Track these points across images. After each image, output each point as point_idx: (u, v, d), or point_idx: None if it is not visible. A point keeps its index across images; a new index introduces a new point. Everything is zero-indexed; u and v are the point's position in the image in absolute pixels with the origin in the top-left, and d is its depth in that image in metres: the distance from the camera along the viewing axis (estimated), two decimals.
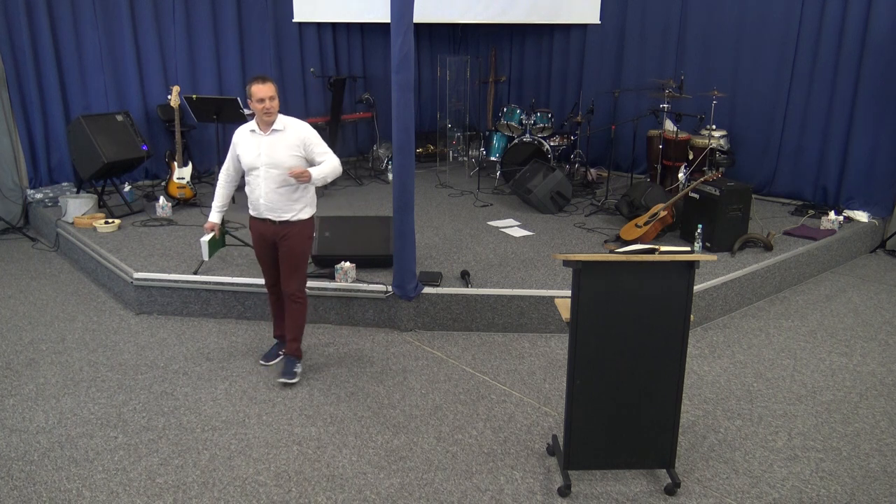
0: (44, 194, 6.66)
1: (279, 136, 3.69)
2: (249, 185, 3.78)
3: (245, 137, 3.75)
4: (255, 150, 3.71)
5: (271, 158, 3.68)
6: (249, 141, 3.73)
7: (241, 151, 3.77)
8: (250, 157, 3.72)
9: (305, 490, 3.00)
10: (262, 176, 3.71)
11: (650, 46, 7.86)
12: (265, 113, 3.61)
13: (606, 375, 2.91)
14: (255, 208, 3.83)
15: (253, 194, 3.78)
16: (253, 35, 8.06)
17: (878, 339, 4.55)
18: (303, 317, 3.94)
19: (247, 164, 3.74)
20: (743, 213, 5.44)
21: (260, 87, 3.56)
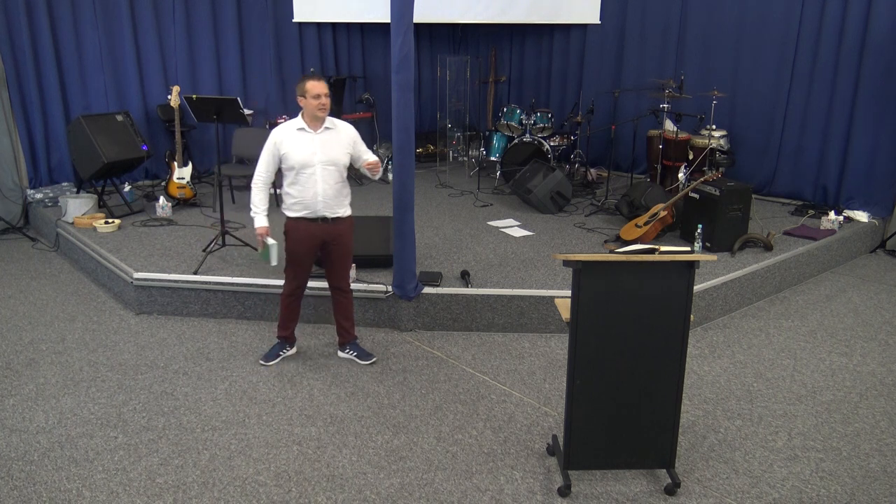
0: (44, 194, 6.66)
1: (332, 134, 3.75)
2: (299, 184, 3.72)
3: (292, 136, 3.71)
4: (308, 147, 3.69)
5: (328, 156, 3.71)
6: (299, 139, 3.70)
7: (288, 150, 3.69)
8: (303, 156, 3.68)
9: (305, 490, 3.00)
10: (319, 174, 3.71)
11: (650, 46, 7.86)
12: (320, 109, 3.64)
13: (606, 375, 2.91)
14: (308, 207, 3.77)
15: (306, 193, 3.73)
16: (253, 35, 8.07)
17: (878, 339, 4.55)
18: (349, 308, 4.13)
19: (298, 163, 3.69)
20: (743, 213, 5.44)
21: (316, 84, 3.62)
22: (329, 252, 3.92)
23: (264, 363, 4.11)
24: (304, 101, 3.67)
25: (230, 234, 5.26)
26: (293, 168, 3.72)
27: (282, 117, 8.10)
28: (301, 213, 3.80)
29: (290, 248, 3.88)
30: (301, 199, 3.76)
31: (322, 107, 3.65)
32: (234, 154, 7.00)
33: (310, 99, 3.63)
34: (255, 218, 3.86)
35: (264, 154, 3.78)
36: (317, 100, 3.62)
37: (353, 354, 4.16)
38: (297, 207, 3.79)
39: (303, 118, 3.73)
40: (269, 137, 3.76)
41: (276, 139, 3.73)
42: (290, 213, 3.84)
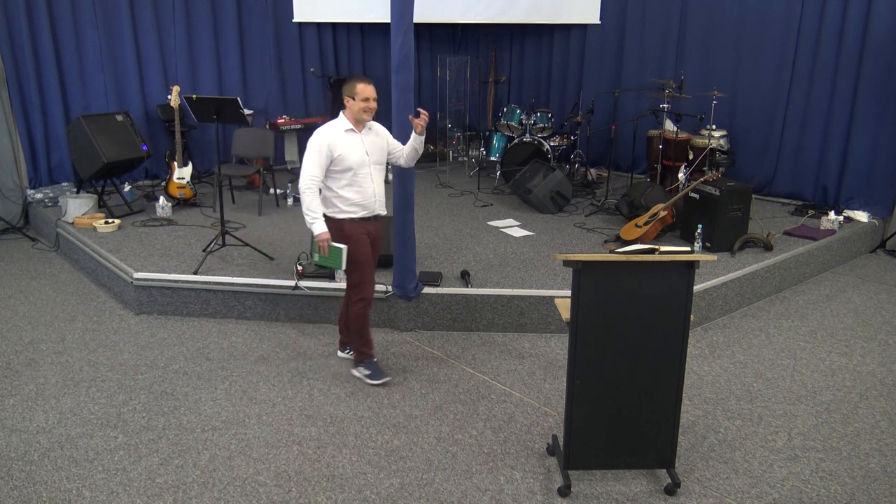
0: (44, 194, 6.66)
1: (374, 135, 3.77)
2: (356, 185, 3.67)
3: (342, 138, 3.65)
4: (360, 148, 3.68)
5: (377, 156, 3.75)
6: (351, 140, 3.66)
7: (342, 152, 3.62)
8: (357, 156, 3.65)
9: (305, 490, 3.00)
10: (372, 173, 3.72)
11: (650, 46, 7.86)
12: (367, 112, 3.64)
13: (606, 375, 2.91)
14: (365, 207, 3.74)
15: (364, 193, 3.70)
16: (253, 35, 8.07)
17: (878, 339, 4.55)
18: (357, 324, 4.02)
19: (354, 163, 3.64)
20: (743, 213, 5.44)
21: (367, 86, 3.62)
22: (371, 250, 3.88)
23: (377, 381, 3.91)
24: (353, 103, 3.63)
25: (230, 234, 5.25)
26: (350, 169, 3.64)
27: (282, 117, 8.11)
28: (359, 214, 3.73)
29: (359, 249, 3.74)
30: (359, 200, 3.71)
31: (369, 110, 3.64)
32: (234, 154, 7.00)
33: (359, 101, 3.61)
34: (314, 224, 3.64)
35: (314, 157, 3.62)
36: (365, 102, 3.61)
37: (352, 354, 4.16)
38: (354, 209, 3.71)
39: (347, 119, 3.68)
40: (312, 142, 3.63)
41: (326, 141, 3.61)
42: (343, 216, 3.71)
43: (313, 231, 3.66)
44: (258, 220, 6.29)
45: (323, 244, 3.66)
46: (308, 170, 3.63)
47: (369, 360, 3.96)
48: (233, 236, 5.27)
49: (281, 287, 4.66)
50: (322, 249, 3.68)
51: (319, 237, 3.66)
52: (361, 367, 3.96)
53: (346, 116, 3.70)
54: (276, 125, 7.96)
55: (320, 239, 3.66)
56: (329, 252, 3.67)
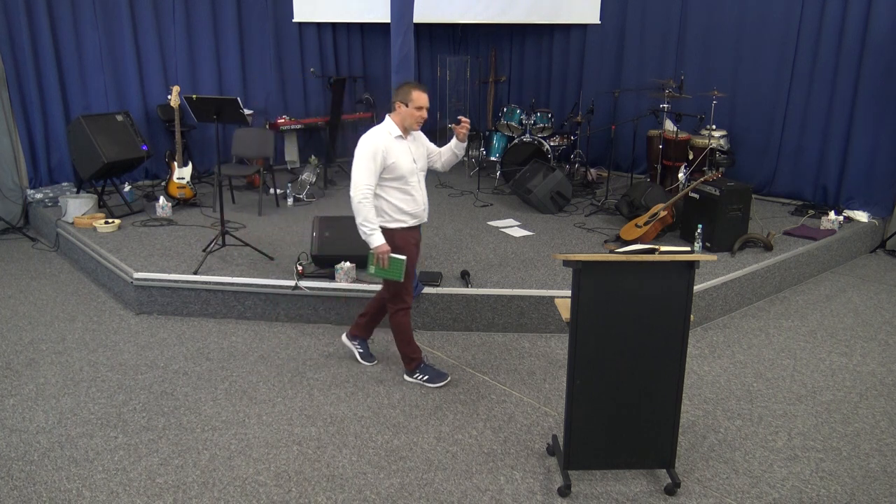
0: (44, 194, 6.66)
1: (416, 141, 3.68)
2: (407, 193, 3.58)
3: (393, 145, 3.52)
4: (409, 155, 3.58)
5: (422, 163, 3.69)
6: (401, 147, 3.55)
7: (395, 159, 3.50)
8: (409, 164, 3.56)
9: (305, 490, 3.00)
10: (421, 181, 3.65)
11: (650, 46, 7.86)
12: (419, 121, 3.55)
13: (606, 375, 2.91)
14: (416, 216, 3.66)
15: (415, 201, 3.62)
16: (253, 35, 8.07)
17: (878, 339, 4.55)
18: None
19: (406, 171, 3.54)
20: (743, 213, 5.44)
21: (423, 95, 3.51)
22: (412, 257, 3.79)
23: (440, 383, 3.88)
24: (406, 110, 3.52)
25: (230, 234, 5.25)
26: (402, 177, 3.54)
27: (282, 117, 8.11)
28: (409, 223, 3.65)
29: (410, 260, 3.67)
30: (411, 209, 3.62)
31: (421, 120, 3.54)
32: (234, 154, 7.00)
33: (412, 109, 3.50)
34: (373, 236, 3.51)
35: (367, 164, 3.46)
36: (419, 111, 3.51)
37: (359, 350, 4.14)
38: (405, 218, 3.62)
39: (396, 124, 3.56)
40: (364, 147, 3.49)
41: (379, 148, 3.47)
42: (395, 225, 3.61)
43: (371, 243, 3.53)
44: (258, 220, 6.30)
45: (383, 256, 3.54)
46: (363, 178, 3.46)
47: (421, 364, 3.92)
48: (233, 236, 5.26)
49: (281, 287, 4.66)
50: (382, 262, 3.56)
51: (379, 249, 3.53)
52: (418, 374, 3.90)
53: (394, 121, 3.56)
54: (276, 125, 7.96)
55: (380, 251, 3.53)
56: (388, 264, 3.57)
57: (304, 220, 6.21)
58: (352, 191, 3.50)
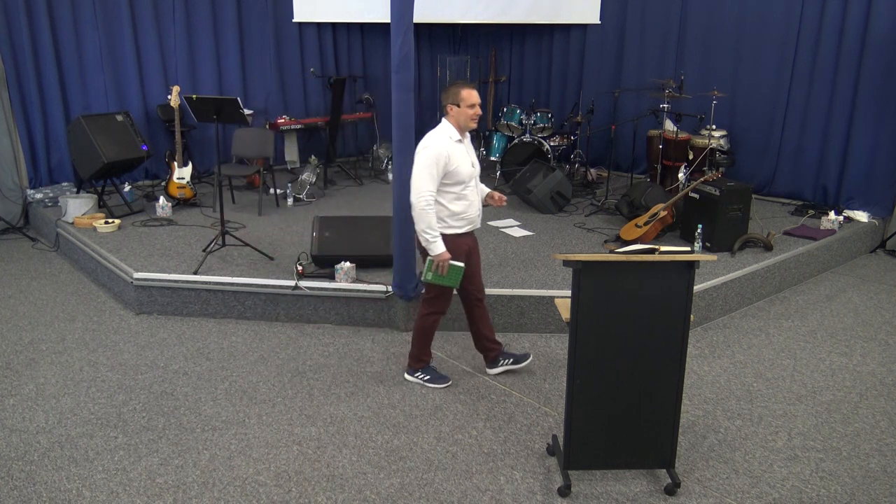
0: (44, 194, 6.66)
1: (468, 143, 3.60)
2: (465, 198, 3.51)
3: (454, 149, 3.44)
4: (467, 158, 3.50)
5: (477, 166, 3.60)
6: (460, 151, 3.47)
7: (457, 164, 3.43)
8: (468, 168, 3.48)
9: (305, 490, 3.00)
10: (476, 185, 3.58)
11: (650, 46, 7.86)
12: (474, 119, 3.47)
13: (606, 375, 2.91)
14: (472, 222, 3.59)
15: (472, 206, 3.55)
16: (253, 35, 8.07)
17: (878, 339, 4.55)
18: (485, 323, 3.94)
19: (466, 175, 3.46)
20: (743, 213, 5.44)
21: (472, 92, 3.44)
22: (472, 262, 3.70)
23: (442, 385, 3.87)
24: (458, 111, 3.45)
25: (230, 234, 5.25)
26: (462, 182, 3.46)
27: (282, 117, 8.11)
28: (465, 228, 3.57)
29: (465, 263, 3.61)
30: (468, 214, 3.55)
31: (476, 117, 3.46)
32: (234, 154, 7.00)
33: (465, 108, 3.43)
34: (435, 244, 3.43)
35: (430, 169, 3.38)
36: (472, 109, 3.44)
37: (510, 362, 3.98)
38: (461, 224, 3.54)
39: (453, 127, 3.49)
40: (427, 153, 3.40)
41: (443, 152, 3.39)
42: (451, 231, 3.52)
43: (433, 251, 3.44)
44: (258, 220, 6.30)
45: (444, 264, 3.47)
46: (424, 184, 3.38)
47: (427, 366, 3.91)
48: (233, 236, 5.26)
49: (281, 287, 4.66)
50: (441, 269, 3.49)
51: (441, 257, 3.45)
52: (420, 374, 3.89)
53: (451, 124, 3.50)
54: (276, 125, 7.96)
55: (441, 259, 3.46)
56: (447, 271, 3.51)
57: (304, 220, 6.21)
58: (413, 198, 3.42)
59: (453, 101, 3.46)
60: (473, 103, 3.44)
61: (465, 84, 3.51)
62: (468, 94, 3.44)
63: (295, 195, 6.96)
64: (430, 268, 3.51)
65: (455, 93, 3.46)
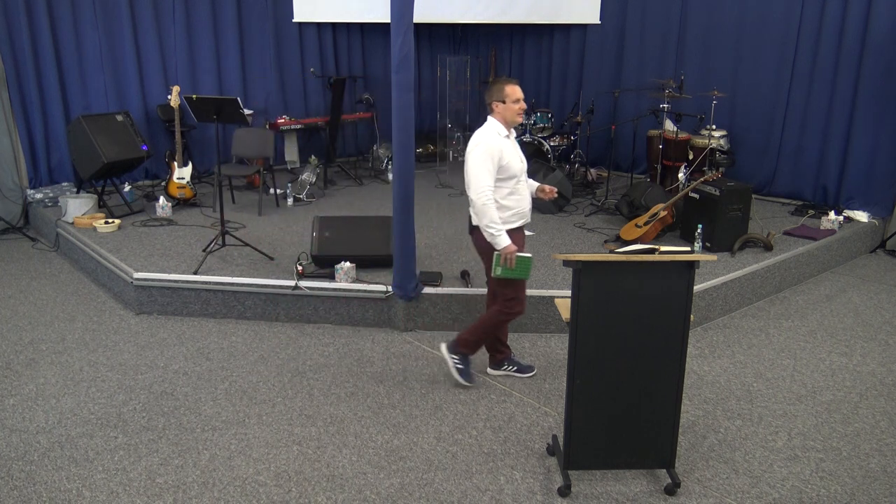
0: (44, 194, 6.66)
1: (514, 140, 3.63)
2: (517, 193, 3.55)
3: (505, 144, 3.49)
4: (517, 153, 3.55)
5: (525, 161, 3.62)
6: (509, 146, 3.52)
7: (509, 159, 3.48)
8: (518, 162, 3.52)
9: (305, 490, 3.00)
10: (525, 180, 3.60)
11: (650, 46, 7.86)
12: (521, 113, 3.50)
13: (606, 375, 2.91)
14: (524, 216, 3.63)
15: (524, 202, 3.59)
16: (253, 35, 8.07)
17: (878, 339, 4.55)
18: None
19: (516, 172, 3.49)
20: (743, 213, 5.44)
21: (515, 87, 3.47)
22: None
23: (465, 380, 3.84)
24: (504, 107, 3.49)
25: (230, 234, 5.25)
26: (513, 177, 3.50)
27: (282, 117, 8.11)
28: (517, 223, 3.61)
29: None
30: (519, 209, 3.59)
31: (522, 111, 3.50)
32: (234, 154, 7.00)
33: (510, 104, 3.46)
34: (500, 237, 3.46)
35: (487, 165, 3.42)
36: (517, 104, 3.47)
37: (513, 370, 3.98)
38: (514, 219, 3.58)
39: (501, 124, 3.52)
40: (480, 149, 3.44)
41: (497, 147, 3.44)
42: (505, 227, 3.55)
43: (498, 244, 3.47)
44: (258, 220, 6.30)
45: (511, 256, 3.49)
46: (483, 180, 3.42)
47: (467, 358, 3.86)
48: (233, 236, 5.26)
49: (281, 287, 4.66)
50: (509, 262, 3.50)
51: (507, 249, 3.47)
52: (456, 357, 3.83)
53: (498, 121, 3.53)
54: (276, 125, 7.96)
55: (508, 251, 3.47)
56: (515, 263, 3.51)
57: (304, 220, 6.21)
58: (473, 194, 3.44)
59: (498, 98, 3.50)
60: (518, 98, 3.48)
61: (507, 80, 3.52)
62: (512, 89, 3.47)
63: (295, 195, 6.96)
64: (497, 262, 3.52)
65: (499, 89, 3.49)
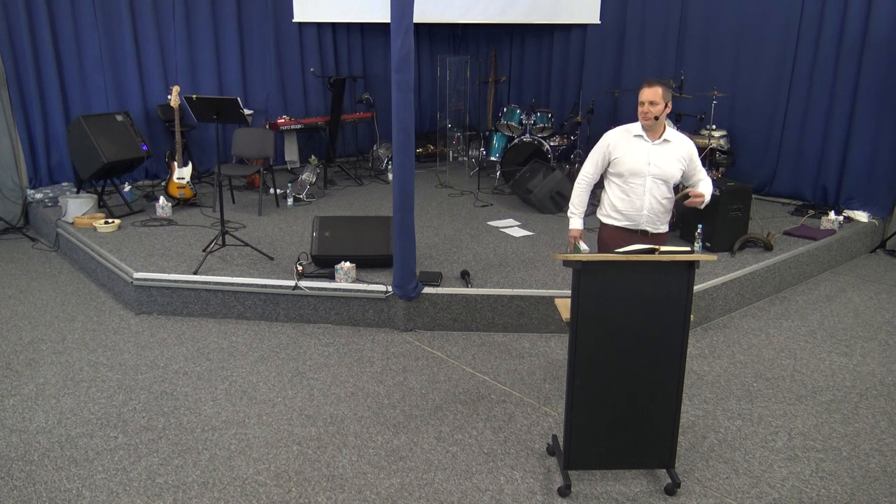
0: (44, 194, 6.66)
1: (669, 147, 3.49)
2: (626, 193, 3.54)
3: (625, 140, 3.52)
4: (643, 156, 3.48)
5: (661, 169, 3.47)
6: (634, 145, 3.50)
7: (621, 155, 3.50)
8: (637, 164, 3.48)
9: (305, 490, 3.00)
10: (649, 186, 3.49)
11: (650, 46, 7.87)
12: (642, 116, 3.43)
13: (606, 375, 2.91)
14: (631, 219, 3.58)
15: (633, 204, 3.54)
16: (253, 35, 8.07)
17: (878, 339, 4.55)
18: None
19: (629, 170, 3.49)
20: (743, 213, 5.44)
21: (644, 90, 3.42)
22: None
23: None
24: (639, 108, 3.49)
25: (230, 234, 5.25)
26: (622, 175, 3.52)
27: (282, 117, 8.11)
28: (621, 223, 3.60)
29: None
30: (624, 209, 3.57)
31: (642, 114, 3.42)
32: (234, 154, 7.00)
33: (638, 105, 3.45)
34: (571, 219, 3.68)
35: (594, 154, 3.62)
36: (640, 107, 3.42)
37: None
38: (617, 216, 3.60)
39: (639, 123, 3.51)
40: (602, 138, 3.58)
41: (609, 140, 3.55)
42: (607, 220, 3.64)
43: (569, 225, 3.73)
44: (258, 220, 6.29)
45: (570, 240, 3.69)
46: (586, 166, 3.68)
47: None
48: (233, 236, 5.26)
49: (281, 287, 4.66)
50: (570, 245, 3.71)
51: (570, 233, 3.72)
52: None
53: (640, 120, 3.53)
54: (276, 125, 7.96)
55: (570, 235, 3.71)
56: (573, 250, 3.67)
57: (304, 220, 6.21)
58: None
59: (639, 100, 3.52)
60: (641, 101, 3.43)
61: (645, 81, 3.48)
62: (641, 92, 3.45)
63: (295, 195, 6.96)
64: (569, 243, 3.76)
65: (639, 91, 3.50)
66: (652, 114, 3.39)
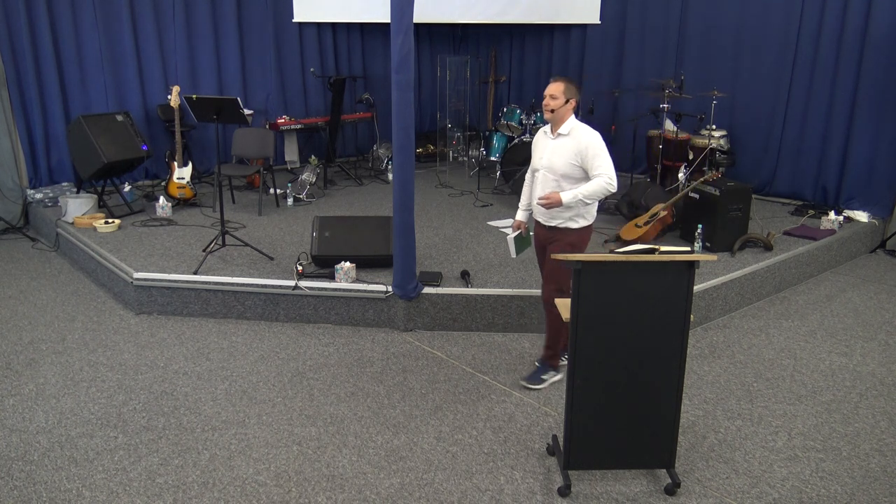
0: (44, 194, 6.66)
1: (564, 141, 3.57)
2: (535, 184, 3.76)
3: (541, 137, 3.75)
4: (541, 151, 3.70)
5: (550, 163, 3.60)
6: (541, 142, 3.74)
7: (534, 149, 3.78)
8: (536, 157, 3.75)
9: (305, 490, 3.00)
10: (540, 178, 3.69)
11: (650, 46, 7.86)
12: (544, 109, 3.59)
13: (606, 375, 2.91)
14: (534, 209, 3.83)
15: (531, 195, 3.83)
16: (253, 35, 8.07)
17: (878, 339, 4.55)
18: (553, 326, 3.79)
19: (533, 163, 3.77)
20: (743, 213, 5.44)
21: (549, 85, 3.56)
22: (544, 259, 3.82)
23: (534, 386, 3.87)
24: None
25: (230, 234, 5.25)
26: (536, 169, 3.76)
27: (282, 117, 8.11)
28: (531, 213, 3.89)
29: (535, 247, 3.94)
30: (525, 201, 3.93)
31: (544, 107, 3.59)
32: (234, 154, 7.00)
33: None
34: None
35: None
36: (543, 100, 3.60)
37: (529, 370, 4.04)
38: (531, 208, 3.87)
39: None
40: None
41: (535, 139, 3.82)
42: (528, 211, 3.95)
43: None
44: (258, 220, 6.30)
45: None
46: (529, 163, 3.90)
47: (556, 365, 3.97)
48: (233, 236, 5.26)
49: (281, 287, 4.66)
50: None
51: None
52: (552, 372, 3.92)
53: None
54: (276, 125, 7.96)
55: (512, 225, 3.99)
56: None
57: (304, 220, 6.21)
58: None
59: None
60: (544, 94, 3.59)
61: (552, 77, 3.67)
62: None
63: (295, 195, 6.96)
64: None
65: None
66: (549, 107, 3.54)
